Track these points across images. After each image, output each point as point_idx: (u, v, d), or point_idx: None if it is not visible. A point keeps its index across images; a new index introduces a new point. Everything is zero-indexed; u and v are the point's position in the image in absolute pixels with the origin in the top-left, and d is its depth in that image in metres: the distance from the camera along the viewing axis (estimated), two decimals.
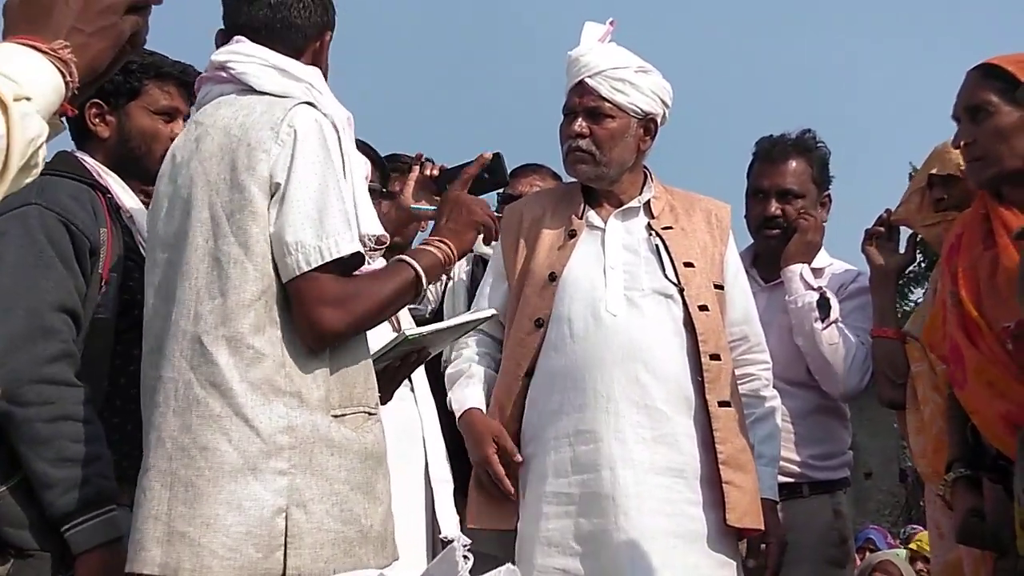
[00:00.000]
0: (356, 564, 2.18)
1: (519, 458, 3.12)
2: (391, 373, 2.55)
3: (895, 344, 3.38)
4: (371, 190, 3.23)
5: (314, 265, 2.16)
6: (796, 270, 3.62)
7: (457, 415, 3.22)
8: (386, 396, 2.55)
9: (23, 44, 1.31)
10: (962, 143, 2.91)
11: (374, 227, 2.30)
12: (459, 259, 2.52)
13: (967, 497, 2.77)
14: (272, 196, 2.20)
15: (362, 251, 2.24)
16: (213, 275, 2.20)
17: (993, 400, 2.48)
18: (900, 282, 3.64)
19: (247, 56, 2.35)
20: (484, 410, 3.19)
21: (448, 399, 3.25)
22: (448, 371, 3.30)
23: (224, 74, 2.36)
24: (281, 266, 2.19)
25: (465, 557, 2.02)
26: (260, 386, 2.16)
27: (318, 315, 2.18)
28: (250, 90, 2.33)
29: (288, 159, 2.19)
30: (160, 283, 2.31)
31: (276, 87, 2.32)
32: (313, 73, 2.37)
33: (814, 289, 3.59)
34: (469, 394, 3.22)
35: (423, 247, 2.43)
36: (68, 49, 1.32)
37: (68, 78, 1.32)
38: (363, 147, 3.39)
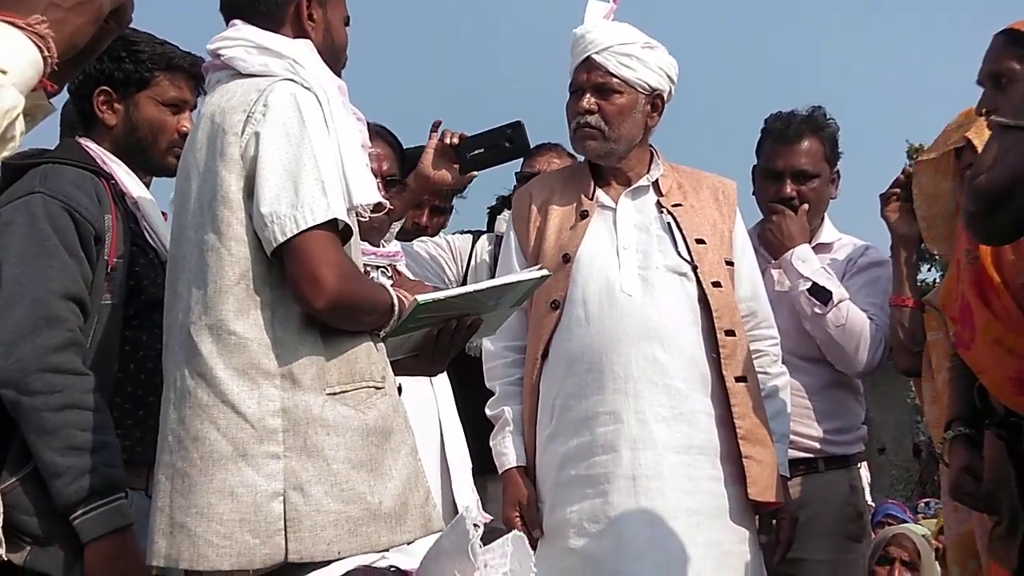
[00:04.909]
0: (364, 543, 2.16)
1: (537, 532, 3.13)
2: (431, 344, 2.46)
3: (913, 312, 3.39)
4: (391, 180, 3.21)
5: (289, 235, 2.13)
6: (787, 258, 3.61)
7: (499, 470, 3.24)
8: (437, 367, 2.54)
9: None
10: (984, 111, 2.87)
11: (369, 195, 2.27)
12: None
13: (963, 455, 2.78)
14: (248, 176, 2.19)
15: (344, 219, 2.21)
16: (198, 265, 2.22)
17: (1003, 359, 2.47)
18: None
19: (234, 40, 2.34)
20: (524, 463, 3.19)
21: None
22: (487, 411, 3.30)
23: (218, 61, 2.36)
24: (263, 240, 2.18)
25: (475, 526, 2.01)
26: (247, 371, 2.16)
27: (319, 274, 2.14)
28: (239, 74, 2.32)
29: (260, 136, 2.18)
30: (168, 279, 2.34)
31: (259, 67, 2.30)
32: (299, 47, 2.33)
33: (804, 277, 3.57)
34: (508, 450, 3.22)
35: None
36: (45, 24, 1.33)
37: (46, 53, 1.33)
38: (385, 136, 3.37)
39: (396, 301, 2.28)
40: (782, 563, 3.21)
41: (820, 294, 3.53)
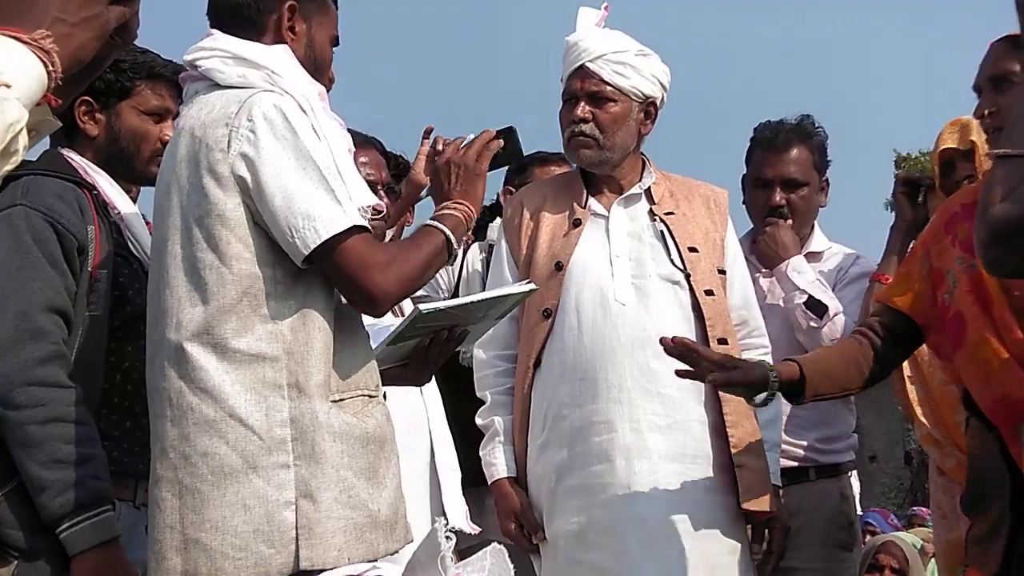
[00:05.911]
0: (368, 550, 2.19)
1: (540, 535, 3.13)
2: (420, 354, 2.51)
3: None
4: (388, 188, 3.20)
5: (312, 247, 2.14)
6: (783, 269, 3.59)
7: (488, 481, 3.23)
8: (425, 377, 2.60)
9: (3, 34, 1.31)
10: (985, 112, 2.86)
11: (365, 198, 2.28)
12: (477, 214, 2.49)
13: None
14: (243, 193, 2.19)
15: (362, 223, 2.22)
16: (192, 283, 2.22)
17: (987, 378, 2.45)
18: None
19: (211, 50, 2.33)
20: (514, 474, 3.19)
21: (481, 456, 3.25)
22: (478, 420, 3.28)
23: (195, 72, 2.35)
24: (288, 250, 2.18)
25: (448, 537, 2.01)
26: (253, 385, 2.17)
27: (367, 281, 2.19)
28: (217, 85, 2.30)
29: (253, 151, 2.18)
30: (151, 292, 2.33)
31: (236, 79, 2.29)
32: (275, 56, 2.32)
33: (800, 290, 3.55)
34: (497, 460, 3.21)
35: (441, 212, 2.40)
36: (50, 39, 1.32)
37: (50, 68, 1.32)
38: (374, 145, 3.36)
39: (447, 232, 2.32)
40: (774, 572, 3.19)
41: (816, 307, 3.52)
